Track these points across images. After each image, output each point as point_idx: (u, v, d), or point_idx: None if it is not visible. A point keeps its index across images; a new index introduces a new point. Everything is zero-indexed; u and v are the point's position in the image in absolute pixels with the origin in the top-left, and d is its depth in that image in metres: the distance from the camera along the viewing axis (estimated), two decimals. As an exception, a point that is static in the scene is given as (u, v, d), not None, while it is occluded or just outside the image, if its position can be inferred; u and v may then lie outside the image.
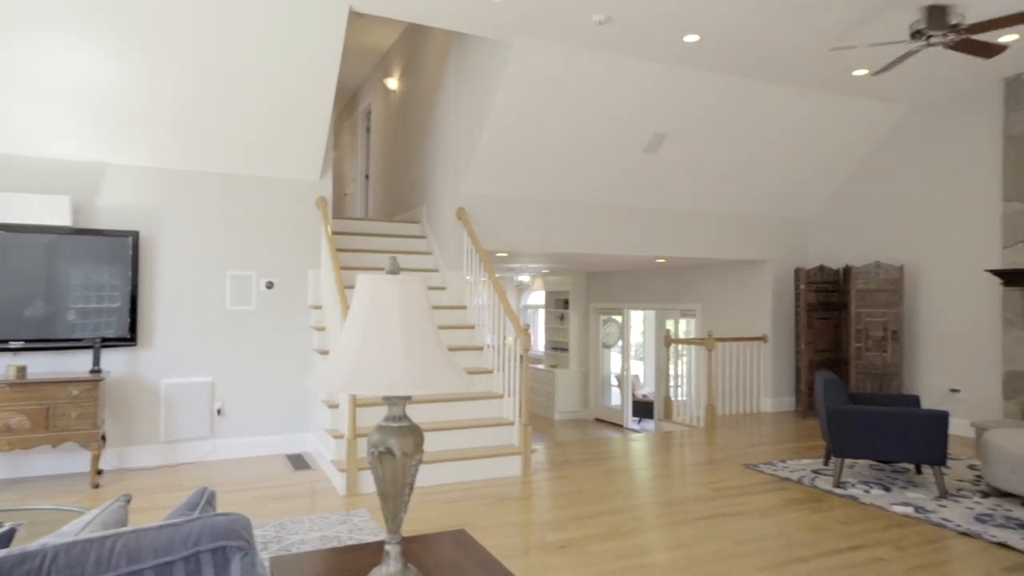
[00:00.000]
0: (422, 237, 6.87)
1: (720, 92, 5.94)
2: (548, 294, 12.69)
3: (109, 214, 4.98)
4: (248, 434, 5.33)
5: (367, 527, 3.58)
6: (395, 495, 1.45)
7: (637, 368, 11.52)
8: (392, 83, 8.19)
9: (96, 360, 4.57)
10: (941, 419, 4.09)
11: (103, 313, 4.79)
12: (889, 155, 6.95)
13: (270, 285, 5.42)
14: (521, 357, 4.89)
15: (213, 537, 1.02)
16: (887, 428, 4.20)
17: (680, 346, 7.81)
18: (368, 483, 4.28)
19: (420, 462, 1.49)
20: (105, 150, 4.92)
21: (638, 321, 11.27)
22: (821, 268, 7.27)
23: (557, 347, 12.36)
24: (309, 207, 5.63)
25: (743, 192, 7.27)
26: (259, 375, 5.37)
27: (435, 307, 5.93)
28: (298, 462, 5.07)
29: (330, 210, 5.67)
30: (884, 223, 6.99)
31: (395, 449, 1.42)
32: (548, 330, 12.69)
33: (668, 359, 7.37)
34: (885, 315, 6.68)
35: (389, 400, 1.47)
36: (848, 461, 5.09)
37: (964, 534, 3.49)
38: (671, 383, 8.01)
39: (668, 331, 7.38)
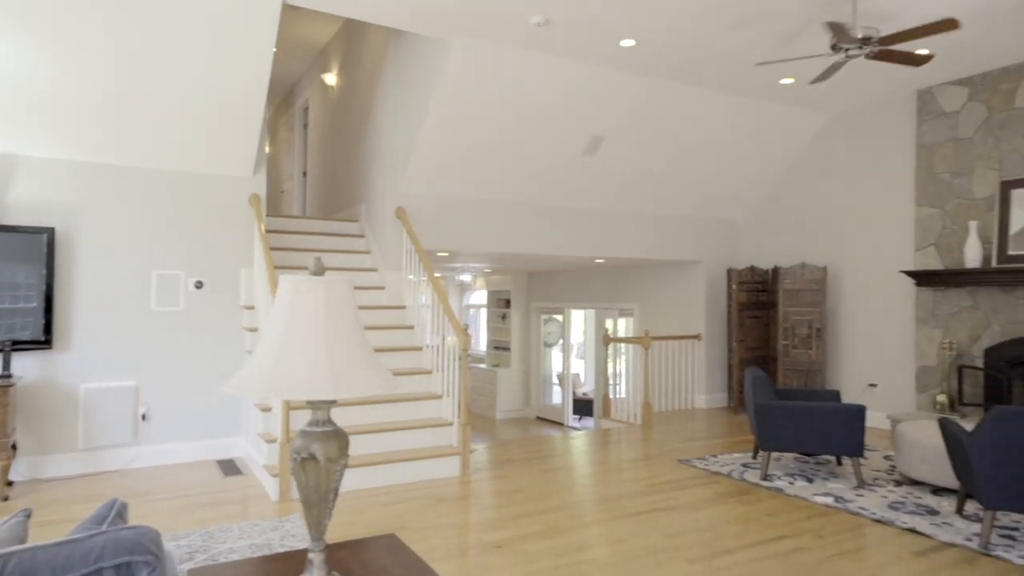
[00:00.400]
0: (361, 236, 6.76)
1: (656, 96, 6.08)
2: (490, 293, 12.71)
3: (22, 209, 4.69)
4: (175, 440, 5.12)
5: (300, 533, 3.50)
6: (319, 502, 1.42)
7: (578, 367, 11.68)
8: (330, 79, 8.02)
9: (6, 364, 4.30)
10: (858, 413, 4.31)
11: (16, 314, 4.51)
12: (814, 161, 7.27)
13: (199, 285, 5.23)
14: (460, 357, 4.87)
15: (117, 552, 0.98)
16: (809, 422, 4.40)
17: (619, 344, 7.95)
18: (302, 488, 4.17)
19: (345, 467, 1.46)
20: (17, 141, 4.63)
21: (579, 320, 11.42)
22: (752, 269, 7.54)
23: (499, 346, 12.39)
24: (241, 204, 5.45)
25: (679, 194, 7.46)
26: (187, 378, 5.17)
27: (374, 307, 5.85)
28: (229, 467, 4.91)
29: (264, 207, 5.51)
30: (809, 226, 7.31)
31: (319, 454, 1.40)
32: (490, 329, 12.70)
33: (607, 358, 7.50)
34: (810, 314, 6.99)
35: (312, 404, 1.44)
36: (775, 454, 5.30)
37: (878, 521, 3.69)
38: (610, 381, 8.15)
39: (607, 330, 7.50)
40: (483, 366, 12.42)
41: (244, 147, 5.25)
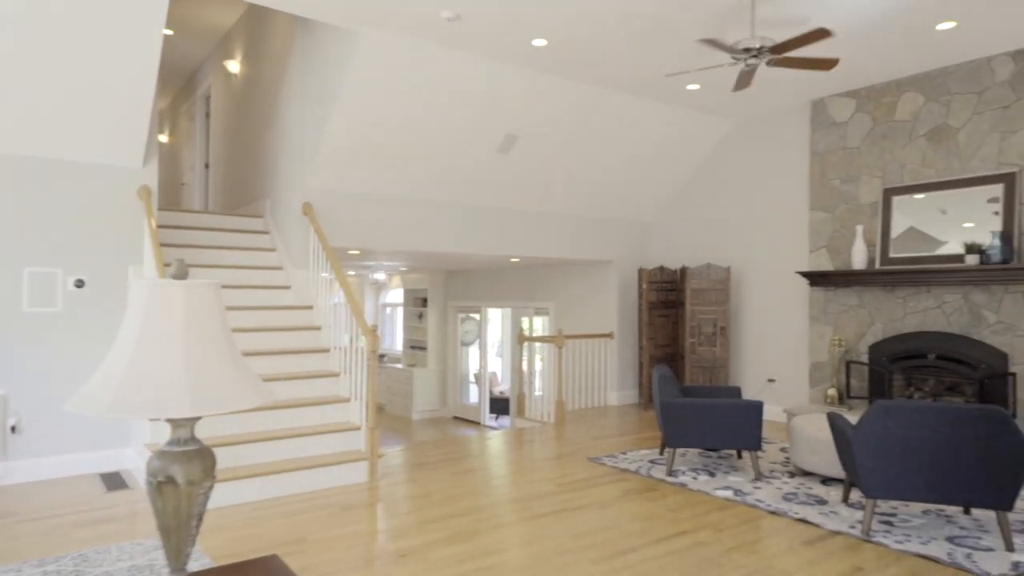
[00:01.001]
0: (266, 232, 6.45)
1: (569, 97, 6.13)
2: (407, 292, 12.49)
3: None
4: (52, 453, 4.69)
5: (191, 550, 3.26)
6: (178, 528, 1.29)
7: (496, 365, 11.67)
8: (233, 66, 7.61)
9: None
10: (756, 409, 4.49)
11: None
12: (719, 165, 7.56)
13: (80, 284, 4.81)
14: (369, 359, 4.72)
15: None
16: (711, 419, 4.55)
17: (534, 343, 7.97)
18: (194, 501, 3.91)
19: (212, 488, 1.34)
20: None
21: (496, 319, 11.41)
22: (661, 269, 7.76)
23: (416, 346, 12.20)
24: (130, 197, 5.06)
25: (592, 195, 7.57)
26: (66, 385, 4.75)
27: (278, 307, 5.58)
28: (114, 481, 4.54)
29: (156, 200, 5.14)
30: (715, 227, 7.60)
31: (178, 477, 1.27)
32: (407, 329, 12.49)
33: (522, 356, 7.51)
34: (715, 313, 7.26)
35: (173, 421, 1.31)
36: (681, 450, 5.46)
37: (773, 512, 3.85)
38: (526, 380, 8.17)
39: (522, 329, 7.51)
40: (399, 366, 12.20)
41: (132, 135, 4.87)
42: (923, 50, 5.23)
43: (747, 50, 3.90)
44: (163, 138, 11.60)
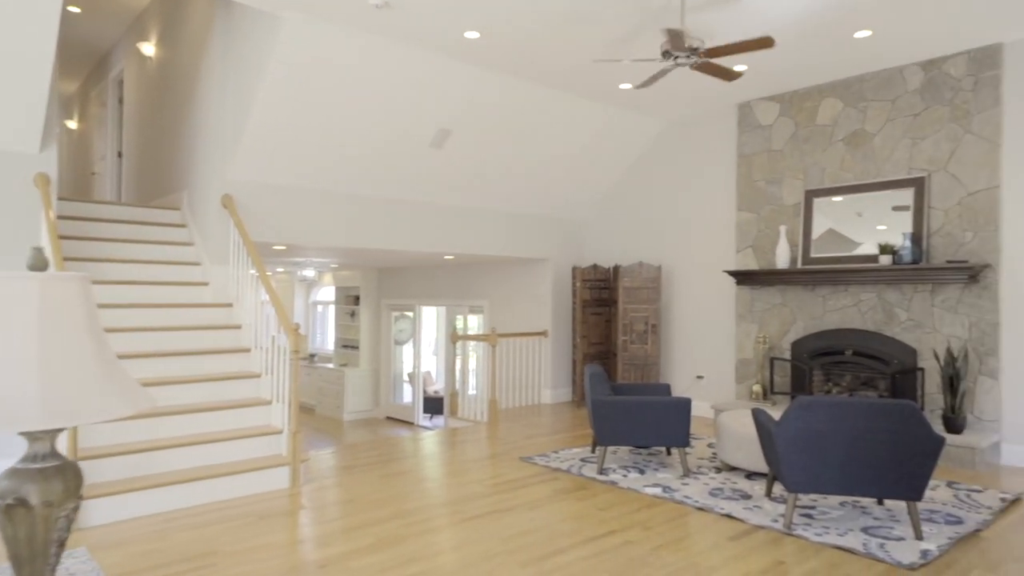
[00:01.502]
0: (182, 225, 6.09)
1: (504, 92, 6.05)
2: (338, 290, 12.14)
3: None
4: (-68, 465, 4.25)
5: (84, 569, 3.00)
6: (33, 558, 1.13)
7: (430, 364, 11.50)
8: (148, 49, 7.16)
9: None
10: (685, 406, 4.54)
11: None
12: (651, 165, 7.66)
13: (-34, 279, 4.38)
14: (291, 359, 4.50)
15: None
16: (641, 416, 4.57)
17: (468, 342, 7.87)
18: (97, 514, 3.62)
19: (76, 510, 1.18)
20: None
21: (431, 317, 11.24)
22: (595, 267, 7.80)
23: (348, 345, 11.88)
24: (25, 185, 4.65)
25: (526, 192, 7.53)
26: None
27: (195, 305, 5.27)
28: None
29: (55, 189, 4.75)
30: (647, 226, 7.70)
31: (32, 498, 1.10)
32: (338, 327, 12.15)
33: (456, 355, 7.39)
34: (647, 311, 7.35)
35: (27, 435, 1.14)
36: (612, 447, 5.47)
37: (700, 509, 3.89)
38: (459, 379, 8.06)
39: (455, 327, 7.39)
40: (330, 366, 11.85)
41: (28, 117, 4.48)
42: (842, 57, 5.42)
43: (693, 49, 3.91)
44: (71, 124, 10.85)
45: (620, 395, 5.31)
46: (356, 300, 11.64)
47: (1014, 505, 4.01)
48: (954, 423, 4.95)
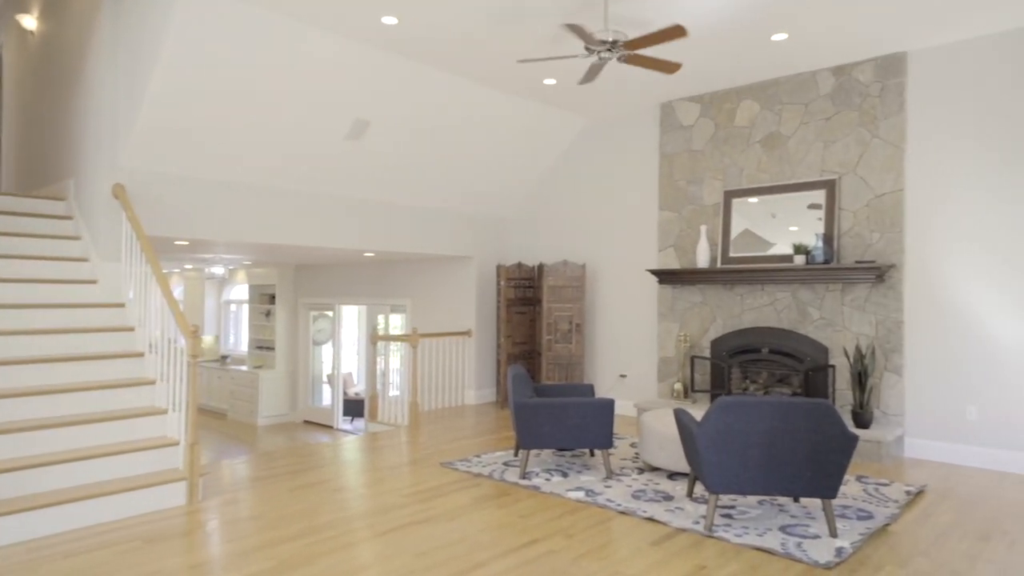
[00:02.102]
0: (68, 218, 5.53)
1: (425, 84, 5.82)
2: (252, 288, 11.53)
3: None
4: None
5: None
6: None
7: (351, 365, 11.10)
8: (29, 22, 6.48)
9: None
10: (608, 407, 4.48)
11: None
12: (575, 162, 7.62)
13: None
14: (189, 364, 4.13)
15: None
16: (564, 418, 4.47)
17: (389, 342, 7.59)
18: (-51, 546, 3.17)
19: None
20: None
21: (352, 317, 10.83)
22: (519, 265, 7.69)
23: (263, 346, 11.30)
24: None
25: (450, 188, 7.32)
26: None
27: (82, 305, 4.77)
28: None
29: (-93, 175, 4.17)
30: (571, 224, 7.65)
31: None
32: (252, 328, 11.53)
33: (376, 356, 7.11)
34: (571, 310, 7.30)
35: None
36: (536, 450, 5.36)
37: (623, 512, 3.83)
38: (380, 381, 7.77)
39: (375, 327, 7.11)
40: (244, 368, 11.24)
41: None
42: (760, 60, 5.52)
43: (603, 42, 3.82)
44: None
45: (543, 396, 5.21)
46: (271, 299, 11.09)
47: (918, 498, 4.16)
48: (862, 418, 5.13)
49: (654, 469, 4.75)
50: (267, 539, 3.42)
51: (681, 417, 3.89)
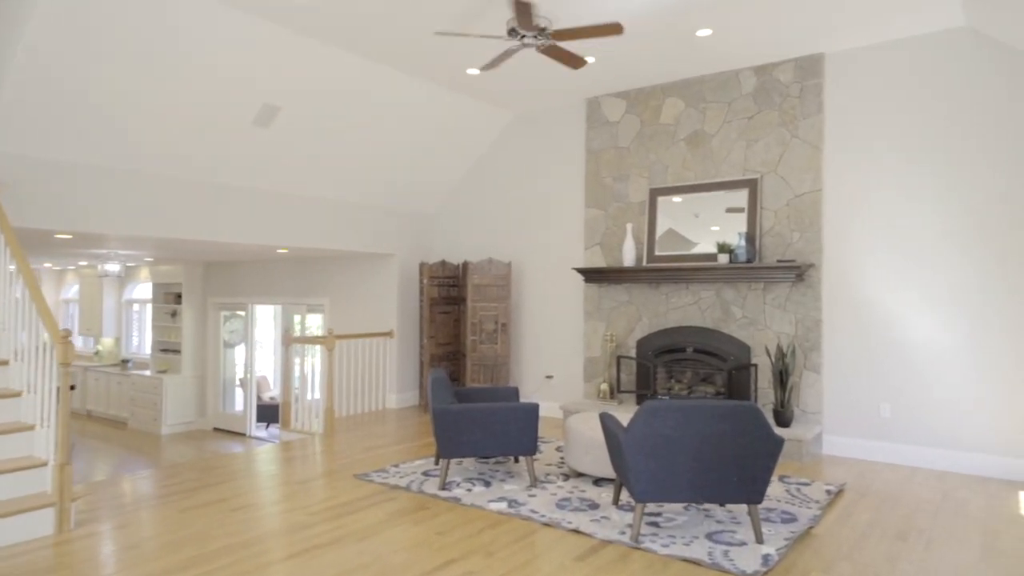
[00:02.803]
0: (-79, 207, 4.83)
1: (341, 69, 5.45)
2: (156, 287, 10.71)
3: None
4: None
5: None
6: None
7: (267, 368, 10.48)
8: None
9: None
10: (532, 412, 4.28)
11: None
12: (501, 157, 7.40)
13: None
14: (60, 374, 3.63)
15: None
16: (486, 425, 4.24)
17: (304, 345, 7.14)
18: None
19: None
20: None
21: (267, 317, 10.23)
22: (443, 263, 7.40)
23: (168, 348, 10.52)
24: None
25: (370, 182, 6.95)
26: None
27: (-70, 308, 4.15)
28: None
29: None
30: (496, 221, 7.43)
31: None
32: (157, 329, 10.72)
33: (290, 360, 6.65)
34: (496, 309, 7.08)
35: None
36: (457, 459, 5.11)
37: (547, 524, 3.63)
38: (296, 385, 7.31)
39: (287, 329, 6.66)
40: (147, 373, 10.43)
41: None
42: (685, 57, 5.46)
43: (541, 29, 3.61)
44: None
45: (466, 402, 4.96)
46: (178, 298, 10.32)
47: (838, 497, 4.18)
48: (783, 417, 5.16)
49: (580, 475, 4.59)
50: (145, 572, 3.01)
51: (607, 422, 3.73)
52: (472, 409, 4.23)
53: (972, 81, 4.77)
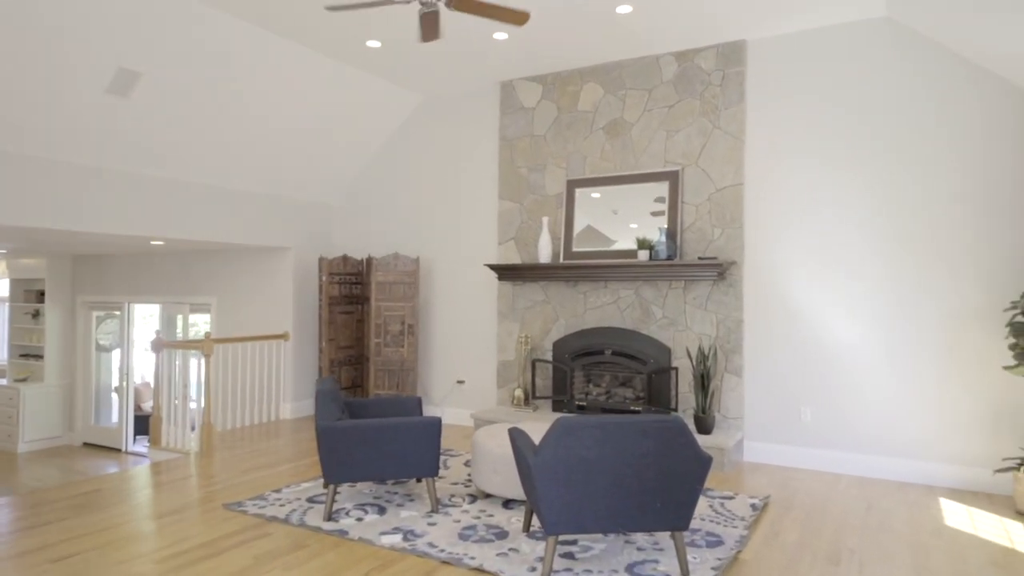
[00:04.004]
0: None
1: (219, 32, 4.71)
2: (14, 283, 9.40)
3: None
4: None
5: None
6: None
7: (150, 375, 9.40)
8: None
9: None
10: (432, 428, 3.75)
11: None
12: (408, 144, 6.81)
13: None
14: None
15: None
16: (380, 443, 3.68)
17: (178, 350, 6.29)
18: None
19: None
20: None
21: (147, 317, 9.16)
22: (344, 258, 6.74)
23: (28, 354, 9.24)
24: None
25: (260, 167, 6.19)
26: None
27: None
28: None
29: None
30: (403, 213, 6.84)
31: None
32: (13, 332, 9.40)
33: (161, 368, 5.81)
34: (403, 309, 6.50)
35: None
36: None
37: (446, 562, 3.12)
38: (167, 397, 6.44)
39: (157, 332, 5.82)
40: (3, 382, 9.11)
41: None
42: (604, 38, 5.07)
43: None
44: None
45: (360, 415, 4.38)
46: (40, 296, 9.08)
47: (763, 513, 3.89)
48: (705, 424, 4.87)
49: (487, 496, 4.11)
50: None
51: (516, 439, 3.26)
52: (363, 426, 3.65)
53: (889, 74, 4.62)
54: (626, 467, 2.86)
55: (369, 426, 3.66)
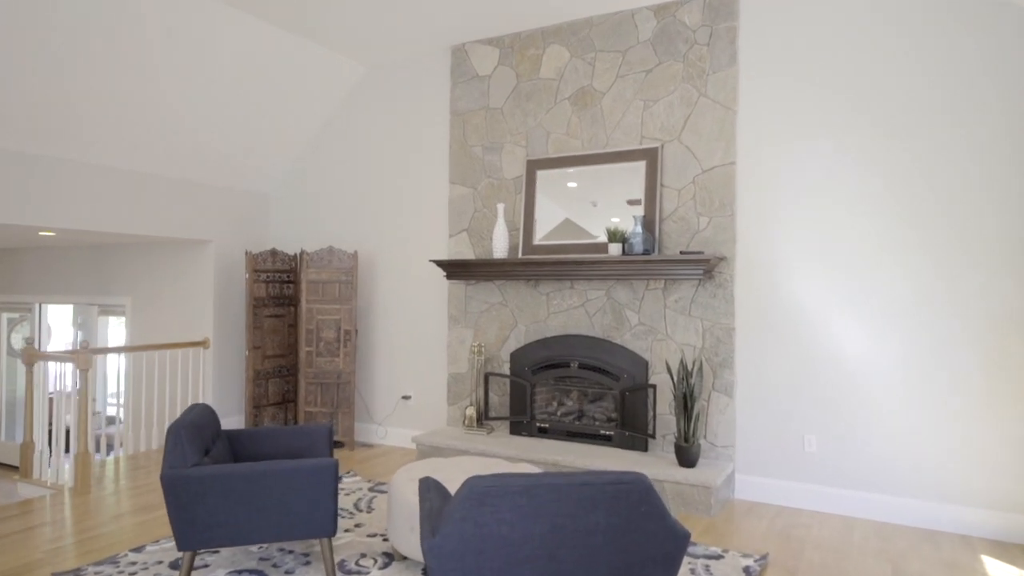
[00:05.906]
0: None
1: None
2: (-82, 281, 8.35)
3: None
4: None
5: None
6: None
7: (68, 383, 8.40)
8: None
9: None
10: (326, 473, 2.83)
11: None
12: (350, 122, 5.88)
13: None
14: None
15: None
16: (252, 495, 2.75)
17: (55, 362, 5.32)
18: None
19: None
20: None
21: (62, 319, 8.16)
22: (273, 253, 5.79)
23: (-67, 361, 8.21)
24: None
25: (176, 146, 5.22)
26: None
27: None
28: None
29: None
30: (342, 200, 5.90)
31: None
32: (-83, 336, 8.36)
33: (34, 384, 4.86)
34: (339, 312, 5.56)
35: None
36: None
37: (315, 678, 2.20)
38: (41, 421, 5.47)
39: (27, 341, 4.86)
40: (-95, 392, 8.08)
41: None
42: (568, -15, 4.17)
43: None
44: None
45: (245, 449, 3.43)
46: (-56, 296, 8.05)
47: (761, 580, 3.00)
48: (688, 455, 3.98)
49: (405, 558, 3.18)
50: None
51: (426, 499, 2.34)
52: (226, 473, 2.72)
53: (926, 25, 3.75)
54: (566, 550, 1.95)
55: (236, 473, 2.73)
